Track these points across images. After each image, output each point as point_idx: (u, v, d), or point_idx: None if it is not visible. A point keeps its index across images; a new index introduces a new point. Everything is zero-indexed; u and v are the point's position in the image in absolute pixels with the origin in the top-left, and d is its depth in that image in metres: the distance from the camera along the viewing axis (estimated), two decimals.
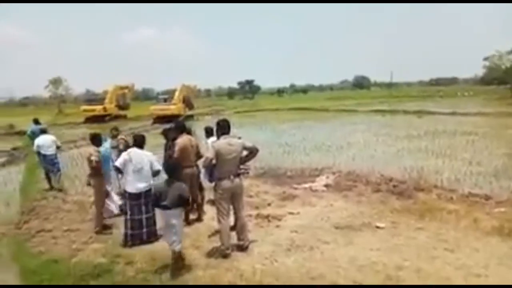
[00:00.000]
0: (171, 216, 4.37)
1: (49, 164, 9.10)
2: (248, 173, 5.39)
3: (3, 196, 8.66)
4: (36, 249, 5.43)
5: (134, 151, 5.48)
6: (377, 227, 5.61)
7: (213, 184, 4.97)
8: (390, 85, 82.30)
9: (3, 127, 26.87)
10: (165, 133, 7.40)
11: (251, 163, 5.54)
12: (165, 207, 4.34)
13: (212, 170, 4.83)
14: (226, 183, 4.75)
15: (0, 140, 21.88)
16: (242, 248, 4.95)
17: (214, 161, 4.72)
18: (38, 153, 9.18)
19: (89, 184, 6.50)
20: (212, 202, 5.79)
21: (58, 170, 9.29)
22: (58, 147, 9.41)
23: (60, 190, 8.83)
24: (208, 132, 6.86)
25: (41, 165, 9.41)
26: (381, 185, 7.82)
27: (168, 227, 4.44)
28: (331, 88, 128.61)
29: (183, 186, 4.51)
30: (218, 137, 4.97)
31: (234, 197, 4.90)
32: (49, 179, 9.13)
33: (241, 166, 4.97)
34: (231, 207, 4.96)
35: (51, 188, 8.96)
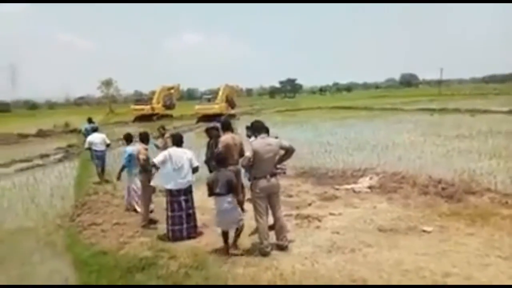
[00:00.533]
0: (223, 202, 4.87)
1: (99, 160, 9.88)
2: (284, 173, 5.40)
3: (59, 190, 9.30)
4: (87, 241, 5.77)
5: (173, 149, 5.66)
6: (424, 231, 5.36)
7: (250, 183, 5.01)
8: (440, 83, 78.23)
9: (59, 126, 28.81)
10: (208, 131, 7.56)
11: (290, 162, 5.54)
12: (218, 194, 4.87)
13: (251, 169, 4.88)
14: (262, 183, 4.79)
15: (57, 138, 23.51)
16: (281, 248, 4.94)
17: (251, 160, 4.78)
18: (89, 149, 10.00)
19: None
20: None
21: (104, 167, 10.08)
22: (107, 145, 10.06)
23: (107, 181, 9.62)
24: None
25: (93, 161, 10.16)
26: (428, 188, 7.45)
27: (220, 212, 4.91)
28: (376, 86, 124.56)
29: (229, 173, 5.02)
30: (256, 137, 5.02)
31: (271, 197, 4.92)
32: (99, 174, 9.90)
33: (278, 166, 4.99)
34: (268, 206, 4.97)
35: (101, 182, 9.67)
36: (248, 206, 6.64)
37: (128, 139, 7.58)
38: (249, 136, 6.86)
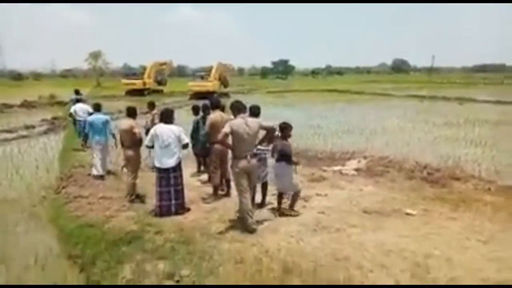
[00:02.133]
0: (278, 168, 5.42)
1: (80, 127, 10.46)
2: (265, 154, 5.34)
3: (44, 162, 9.16)
4: (73, 214, 5.70)
5: (160, 126, 5.54)
6: (408, 214, 5.47)
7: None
8: (430, 70, 78.54)
9: (45, 97, 28.12)
10: (193, 108, 7.53)
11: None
12: (276, 160, 5.41)
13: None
14: (242, 162, 4.80)
15: (42, 110, 22.99)
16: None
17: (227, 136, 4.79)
18: (71, 116, 11.08)
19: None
20: None
21: (86, 135, 10.02)
22: (90, 114, 10.02)
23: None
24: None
25: (75, 127, 11.14)
26: (414, 172, 7.57)
27: (276, 176, 5.49)
28: (368, 71, 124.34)
29: (287, 143, 5.38)
30: (235, 117, 4.96)
31: (251, 176, 4.95)
32: (83, 139, 10.32)
33: (260, 147, 4.98)
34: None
35: (83, 146, 10.22)
36: None
37: (96, 108, 8.21)
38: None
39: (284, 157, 5.32)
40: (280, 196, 5.57)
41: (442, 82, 56.55)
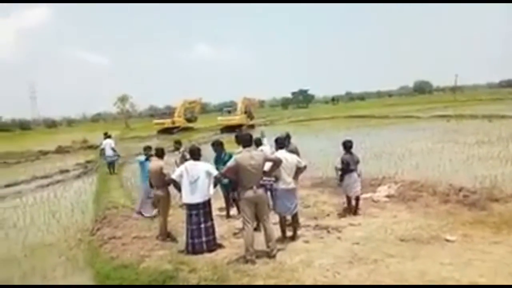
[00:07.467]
0: (355, 175, 6.80)
1: (107, 158, 13.71)
2: (271, 184, 5.39)
3: (79, 205, 9.46)
4: (108, 255, 5.80)
5: (190, 163, 5.68)
6: (447, 240, 5.23)
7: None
8: (454, 89, 76.90)
9: (78, 142, 29.35)
10: (213, 145, 7.55)
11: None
12: (352, 170, 6.77)
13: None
14: (249, 193, 4.99)
15: (76, 154, 23.96)
16: (269, 256, 5.07)
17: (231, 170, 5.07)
18: (103, 150, 13.89)
19: None
20: None
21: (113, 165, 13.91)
22: (112, 149, 13.71)
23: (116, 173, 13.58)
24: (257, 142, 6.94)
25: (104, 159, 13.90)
26: (449, 196, 7.29)
27: (353, 182, 6.75)
28: (389, 94, 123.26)
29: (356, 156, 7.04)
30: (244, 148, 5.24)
31: (258, 207, 5.10)
32: (109, 168, 13.66)
33: (265, 178, 5.15)
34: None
35: (111, 173, 13.32)
36: None
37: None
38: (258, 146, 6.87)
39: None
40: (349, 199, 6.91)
41: (468, 100, 55.16)
